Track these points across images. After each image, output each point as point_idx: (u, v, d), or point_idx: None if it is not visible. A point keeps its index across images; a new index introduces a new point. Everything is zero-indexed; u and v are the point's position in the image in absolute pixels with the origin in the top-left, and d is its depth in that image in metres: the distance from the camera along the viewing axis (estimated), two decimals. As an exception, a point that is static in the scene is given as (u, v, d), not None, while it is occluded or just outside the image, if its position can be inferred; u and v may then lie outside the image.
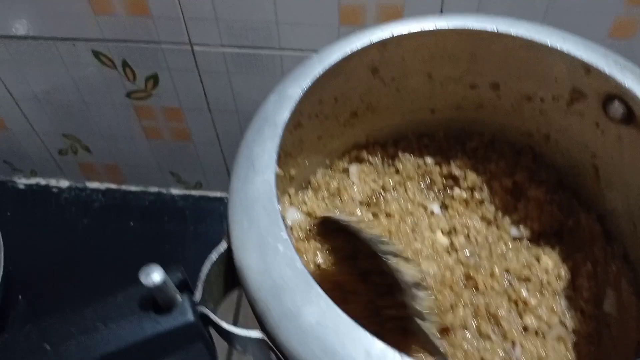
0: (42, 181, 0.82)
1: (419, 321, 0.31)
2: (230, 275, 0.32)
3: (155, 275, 0.25)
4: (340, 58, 0.36)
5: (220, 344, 0.31)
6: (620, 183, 0.41)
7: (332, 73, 0.38)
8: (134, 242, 0.75)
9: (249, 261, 0.29)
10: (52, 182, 0.82)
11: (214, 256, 0.30)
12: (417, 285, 0.31)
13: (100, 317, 0.26)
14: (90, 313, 0.26)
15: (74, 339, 0.26)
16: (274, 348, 0.28)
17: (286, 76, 0.37)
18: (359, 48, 0.37)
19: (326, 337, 0.26)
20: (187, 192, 0.80)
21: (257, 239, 0.29)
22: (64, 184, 0.81)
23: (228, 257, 0.31)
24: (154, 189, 0.80)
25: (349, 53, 0.37)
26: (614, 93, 0.36)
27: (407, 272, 0.31)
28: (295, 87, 0.35)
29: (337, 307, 0.27)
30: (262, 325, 0.28)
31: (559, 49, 0.35)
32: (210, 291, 0.31)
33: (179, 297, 0.27)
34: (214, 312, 0.30)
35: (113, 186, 0.81)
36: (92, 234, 0.77)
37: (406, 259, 0.32)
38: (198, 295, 0.29)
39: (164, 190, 0.80)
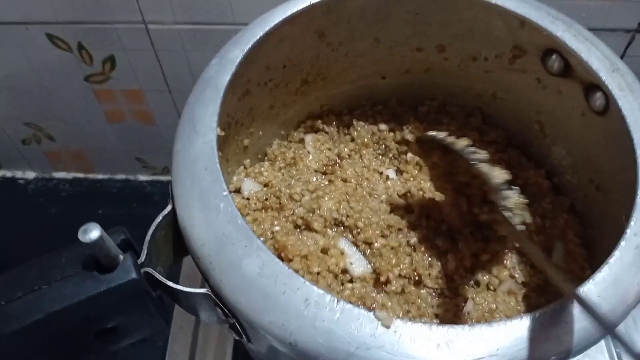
0: (8, 173, 0.81)
1: (507, 214, 0.34)
2: (178, 240, 0.32)
3: (92, 233, 0.25)
4: (282, 21, 0.37)
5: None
6: (563, 136, 0.42)
7: (276, 37, 0.38)
8: (104, 230, 0.75)
9: (192, 219, 0.29)
10: (18, 174, 0.81)
11: (158, 218, 0.30)
12: (504, 184, 0.34)
13: (44, 278, 0.27)
14: (34, 273, 0.27)
15: (20, 300, 0.26)
16: (218, 302, 0.28)
17: (228, 41, 0.37)
18: (300, 11, 0.37)
19: (267, 287, 0.27)
20: (155, 177, 0.80)
21: (199, 197, 0.30)
22: (31, 175, 0.81)
23: (174, 219, 0.31)
24: (121, 176, 0.80)
25: (290, 16, 0.37)
26: (550, 47, 0.37)
27: (495, 174, 0.35)
28: (236, 51, 0.35)
29: (276, 258, 0.27)
30: (207, 280, 0.29)
31: (494, 3, 0.36)
32: (158, 254, 0.31)
33: (121, 256, 0.28)
34: (164, 275, 0.31)
35: (80, 175, 0.80)
36: (61, 224, 0.76)
37: (494, 164, 0.35)
38: (143, 256, 0.29)
39: (131, 177, 0.80)
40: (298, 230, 0.42)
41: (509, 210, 0.35)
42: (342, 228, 0.42)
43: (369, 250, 0.40)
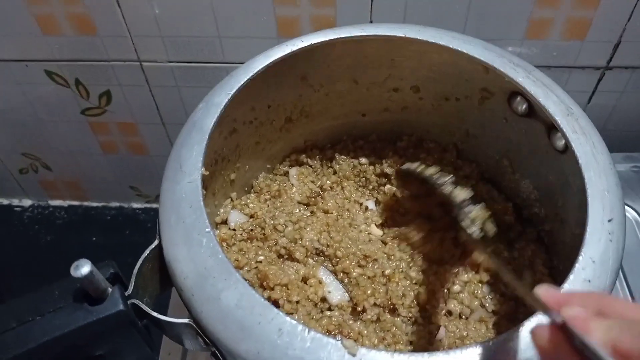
0: (5, 201, 0.83)
1: (469, 228, 0.38)
2: (164, 272, 0.34)
3: (83, 268, 0.28)
4: (264, 67, 0.39)
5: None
6: (530, 171, 0.44)
7: (261, 81, 0.41)
8: (97, 256, 0.76)
9: (176, 253, 0.32)
10: (15, 202, 0.83)
11: (146, 252, 0.33)
12: (467, 202, 0.39)
13: (36, 309, 0.29)
14: (27, 305, 0.29)
15: (14, 330, 0.28)
16: (199, 331, 0.30)
17: (215, 86, 0.40)
18: (282, 57, 0.40)
19: (244, 317, 0.29)
20: (147, 205, 0.82)
21: (183, 233, 0.32)
22: (27, 202, 0.83)
23: (160, 253, 0.34)
24: (115, 204, 0.82)
25: (272, 62, 0.40)
26: (514, 90, 0.40)
27: (456, 193, 0.39)
28: (222, 96, 0.38)
29: (253, 290, 0.30)
30: (189, 311, 0.31)
31: (460, 50, 0.39)
32: (145, 286, 0.34)
33: (109, 289, 0.30)
34: (150, 306, 0.33)
35: (75, 203, 0.83)
36: (56, 250, 0.79)
37: (459, 185, 0.40)
38: (131, 288, 0.32)
39: (125, 205, 0.82)
40: (281, 259, 0.44)
41: (471, 224, 0.38)
42: (322, 257, 0.44)
43: (346, 279, 0.42)
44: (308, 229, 0.45)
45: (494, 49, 0.40)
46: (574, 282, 0.30)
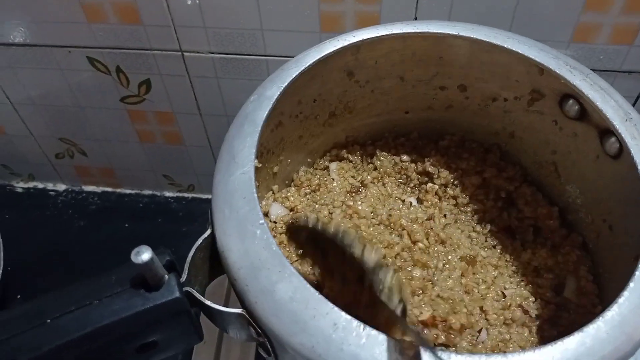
0: (40, 185, 0.84)
1: (384, 296, 0.31)
2: (215, 262, 0.35)
3: (144, 255, 0.28)
4: (315, 62, 0.40)
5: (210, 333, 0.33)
6: (577, 176, 0.44)
7: (309, 76, 0.41)
8: (129, 243, 0.77)
9: (230, 245, 0.32)
10: (49, 186, 0.84)
11: (199, 241, 0.33)
12: (379, 267, 0.32)
13: (95, 294, 0.29)
14: (86, 290, 0.29)
15: (71, 314, 0.29)
16: (252, 322, 0.31)
17: (266, 79, 0.40)
18: (333, 52, 0.40)
19: (298, 311, 0.29)
20: (180, 194, 0.83)
21: (237, 225, 0.32)
22: (61, 187, 0.84)
23: (212, 242, 0.34)
24: (147, 192, 0.83)
25: (323, 57, 0.40)
26: (567, 92, 0.40)
27: (368, 257, 0.32)
28: (274, 89, 0.38)
29: (307, 284, 0.30)
30: (242, 302, 0.31)
31: (514, 51, 0.39)
32: (196, 274, 0.34)
33: (166, 276, 0.30)
34: (201, 294, 0.33)
35: (108, 189, 0.84)
36: (88, 235, 0.79)
37: (367, 244, 0.33)
38: (184, 276, 0.32)
39: (157, 193, 0.83)
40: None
41: (386, 292, 0.31)
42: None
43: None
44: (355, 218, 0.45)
45: (549, 50, 0.39)
46: (634, 290, 0.29)
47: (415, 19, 0.54)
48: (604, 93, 0.36)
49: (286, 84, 0.38)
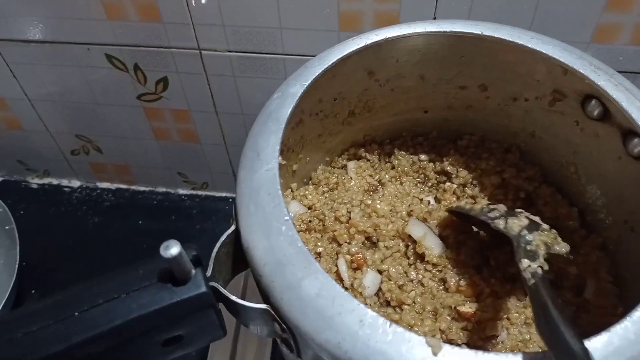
0: (54, 181, 0.85)
1: (527, 260, 0.34)
2: (238, 257, 0.35)
3: (173, 249, 0.28)
4: (338, 60, 0.40)
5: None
6: (598, 177, 0.44)
7: (331, 74, 0.41)
8: (142, 240, 0.78)
9: (255, 241, 0.32)
10: (64, 182, 0.85)
11: (223, 237, 0.33)
12: (524, 231, 0.37)
13: (123, 288, 0.29)
14: (114, 284, 0.30)
15: (100, 306, 0.29)
16: (278, 318, 0.31)
17: (289, 77, 0.40)
18: (355, 51, 0.40)
19: (324, 307, 0.29)
20: (193, 192, 0.83)
21: (262, 221, 0.33)
22: (76, 183, 0.85)
23: (236, 238, 0.34)
24: (161, 189, 0.84)
25: (346, 56, 0.40)
26: (590, 93, 0.40)
27: (512, 227, 0.38)
28: (297, 86, 0.38)
29: (333, 280, 0.30)
30: (267, 298, 0.31)
31: (538, 50, 0.39)
32: (220, 269, 0.34)
33: (193, 271, 0.30)
34: (224, 289, 0.33)
35: (123, 186, 0.84)
36: (102, 232, 0.80)
37: (510, 215, 0.39)
38: (209, 271, 0.32)
39: (171, 190, 0.83)
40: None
41: (532, 257, 0.35)
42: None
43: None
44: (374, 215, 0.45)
45: (573, 50, 0.39)
46: (660, 290, 0.29)
47: (435, 18, 0.54)
48: (629, 94, 0.36)
49: (309, 81, 0.38)
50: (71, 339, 0.28)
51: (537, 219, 0.39)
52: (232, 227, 0.34)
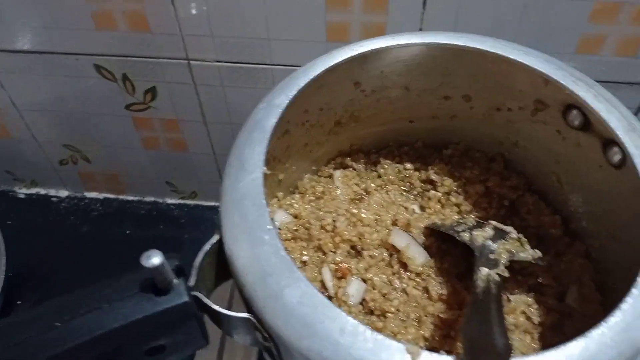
0: (42, 191, 0.85)
1: (488, 273, 0.37)
2: (222, 267, 0.35)
3: (155, 259, 0.28)
4: (323, 71, 0.40)
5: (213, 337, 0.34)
6: (580, 186, 0.44)
7: (317, 85, 0.42)
8: (131, 249, 0.77)
9: (238, 250, 0.32)
10: (52, 192, 0.85)
11: (206, 246, 0.33)
12: (486, 242, 0.40)
13: (105, 298, 0.29)
14: (96, 294, 0.30)
15: (82, 317, 0.29)
16: (260, 327, 0.31)
17: (275, 87, 0.40)
18: (341, 62, 0.41)
19: (306, 315, 0.29)
20: (182, 201, 0.83)
21: (245, 230, 0.33)
22: (64, 193, 0.84)
23: (219, 248, 0.34)
24: (150, 199, 0.83)
25: (331, 67, 0.40)
26: (571, 103, 0.40)
27: (476, 238, 0.41)
28: (282, 97, 0.39)
29: (315, 288, 0.30)
30: (249, 307, 0.31)
31: (520, 62, 0.39)
32: (203, 279, 0.34)
33: (175, 280, 0.30)
34: (207, 298, 0.33)
35: (111, 195, 0.84)
36: (90, 242, 0.80)
37: (479, 227, 0.42)
38: (192, 280, 0.32)
39: (160, 200, 0.83)
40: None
41: (493, 265, 0.38)
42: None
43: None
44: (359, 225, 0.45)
45: (554, 61, 0.40)
46: (637, 296, 0.30)
47: (421, 29, 0.55)
48: (608, 104, 0.37)
49: (295, 92, 0.39)
50: (53, 350, 0.28)
51: (509, 228, 0.42)
52: (216, 237, 0.34)
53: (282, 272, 0.31)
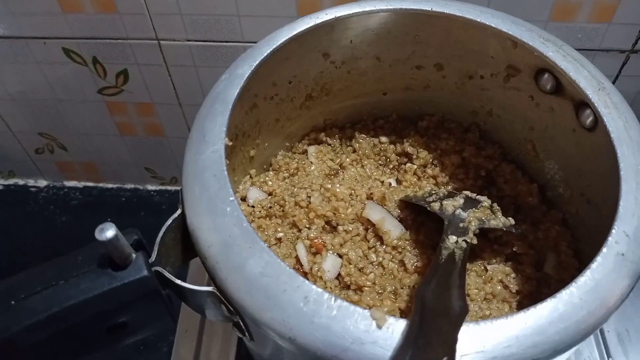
0: (20, 181, 0.83)
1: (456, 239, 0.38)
2: (186, 242, 0.34)
3: (109, 232, 0.27)
4: (287, 40, 0.39)
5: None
6: (555, 152, 0.44)
7: (282, 56, 0.41)
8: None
9: (200, 222, 0.31)
10: (30, 182, 0.83)
11: (169, 221, 0.32)
12: (456, 211, 0.40)
13: (61, 274, 0.28)
14: (52, 271, 0.29)
15: (38, 294, 0.28)
16: (224, 300, 0.30)
17: (237, 59, 0.39)
18: (306, 31, 0.40)
19: (269, 285, 0.29)
20: (162, 187, 0.82)
21: (207, 202, 0.32)
22: (42, 183, 0.83)
23: (183, 222, 0.33)
24: (130, 186, 0.82)
25: (296, 35, 0.39)
26: (542, 66, 0.39)
27: (446, 207, 0.41)
28: (245, 67, 0.37)
29: (278, 258, 0.29)
30: (213, 280, 0.31)
31: (487, 25, 0.38)
32: (167, 255, 0.33)
33: (133, 254, 0.30)
34: (173, 275, 0.33)
35: (90, 184, 0.83)
36: (71, 231, 0.79)
37: (449, 197, 0.42)
38: (154, 256, 0.31)
39: (140, 187, 0.82)
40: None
41: (462, 233, 0.38)
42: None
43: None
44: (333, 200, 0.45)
45: (522, 23, 0.39)
46: (607, 255, 0.29)
47: (393, -1, 0.54)
48: (577, 64, 0.36)
49: (257, 62, 0.38)
50: (9, 329, 0.27)
51: (482, 198, 0.42)
52: (179, 211, 0.33)
53: (244, 243, 0.30)
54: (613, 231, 0.30)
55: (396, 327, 0.27)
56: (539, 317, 0.27)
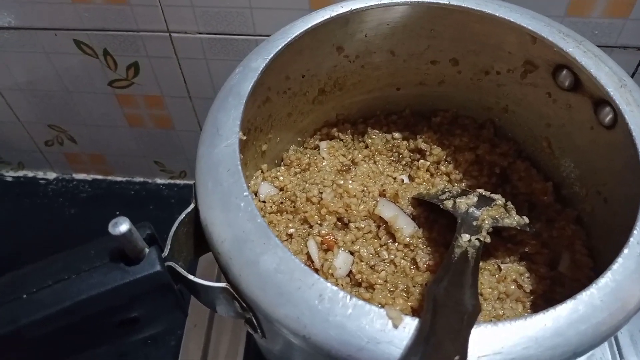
0: (30, 173, 0.83)
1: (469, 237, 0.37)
2: (199, 237, 0.34)
3: (122, 226, 0.27)
4: (302, 33, 0.38)
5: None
6: (571, 149, 0.43)
7: (297, 49, 0.40)
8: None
9: (213, 218, 0.31)
10: (40, 174, 0.83)
11: (182, 216, 0.32)
12: (471, 207, 0.40)
13: (72, 268, 0.28)
14: (63, 264, 0.28)
15: (49, 288, 0.28)
16: (237, 296, 0.30)
17: (251, 52, 0.39)
18: (320, 24, 0.39)
19: (283, 282, 0.28)
20: (171, 181, 0.82)
21: (220, 197, 0.31)
22: (51, 175, 0.83)
23: (196, 217, 0.33)
24: (139, 179, 0.82)
25: (311, 28, 0.39)
26: (561, 62, 0.39)
27: (459, 205, 0.40)
28: (259, 60, 0.37)
29: (292, 255, 0.29)
30: (226, 276, 0.30)
31: (506, 19, 0.38)
32: (180, 250, 0.33)
33: (147, 249, 0.29)
34: (185, 270, 0.32)
35: (99, 177, 0.83)
36: (79, 224, 0.79)
37: (462, 195, 0.41)
38: (167, 250, 0.31)
39: (149, 180, 0.82)
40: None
41: (475, 231, 0.38)
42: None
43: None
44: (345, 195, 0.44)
45: (541, 18, 0.38)
46: (628, 256, 0.28)
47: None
48: (597, 60, 0.36)
49: (272, 55, 0.37)
50: (18, 322, 0.27)
51: (496, 196, 0.41)
52: (192, 206, 0.33)
53: (258, 239, 0.30)
54: (635, 232, 0.29)
55: (412, 327, 0.26)
56: (558, 319, 0.27)
